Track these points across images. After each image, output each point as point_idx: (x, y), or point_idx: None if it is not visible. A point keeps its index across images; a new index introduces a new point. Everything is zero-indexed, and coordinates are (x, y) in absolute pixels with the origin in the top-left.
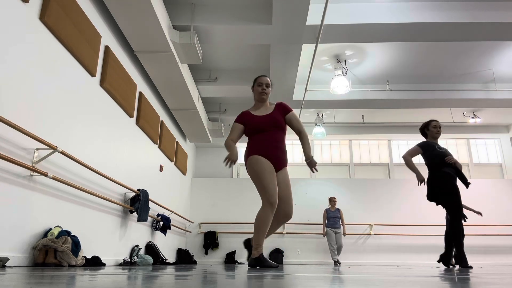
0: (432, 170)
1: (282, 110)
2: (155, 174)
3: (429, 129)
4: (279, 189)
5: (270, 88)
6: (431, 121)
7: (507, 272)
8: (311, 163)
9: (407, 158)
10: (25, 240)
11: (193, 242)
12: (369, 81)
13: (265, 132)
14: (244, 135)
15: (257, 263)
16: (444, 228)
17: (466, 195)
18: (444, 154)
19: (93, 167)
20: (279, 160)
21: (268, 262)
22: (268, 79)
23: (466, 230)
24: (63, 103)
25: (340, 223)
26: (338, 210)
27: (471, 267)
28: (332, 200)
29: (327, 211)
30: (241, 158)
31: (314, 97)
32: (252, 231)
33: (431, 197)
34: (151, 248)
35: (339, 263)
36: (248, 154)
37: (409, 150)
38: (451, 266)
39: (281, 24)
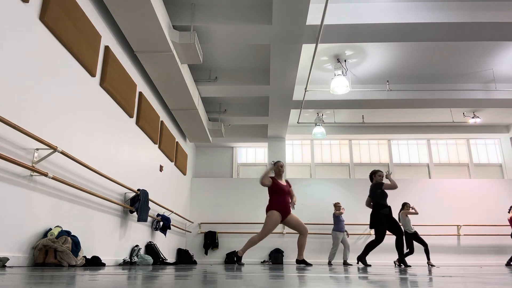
0: (374, 207)
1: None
2: (155, 174)
3: (375, 177)
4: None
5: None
6: (377, 171)
7: (507, 272)
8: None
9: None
10: (25, 240)
11: (193, 242)
12: (369, 81)
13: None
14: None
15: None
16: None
17: (466, 195)
18: (384, 195)
19: (93, 167)
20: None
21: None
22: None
23: (466, 229)
24: (63, 103)
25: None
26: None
27: (409, 266)
28: (337, 205)
29: (339, 216)
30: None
31: (314, 97)
32: (252, 231)
33: (371, 225)
34: (151, 248)
35: (350, 264)
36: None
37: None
38: (406, 266)
39: (281, 24)
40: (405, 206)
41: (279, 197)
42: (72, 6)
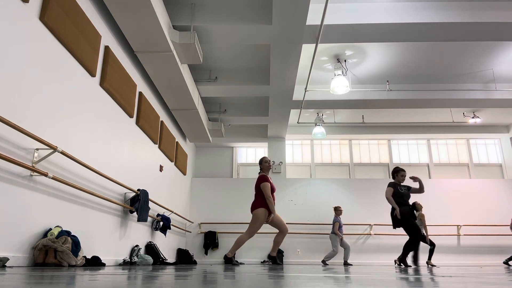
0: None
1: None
2: (155, 174)
3: (397, 176)
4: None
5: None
6: (400, 170)
7: (507, 272)
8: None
9: (389, 197)
10: (25, 240)
11: (193, 242)
12: (369, 81)
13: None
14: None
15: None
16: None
17: (466, 195)
18: (404, 195)
19: (93, 167)
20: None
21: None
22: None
23: (466, 229)
24: (63, 103)
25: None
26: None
27: (409, 266)
28: (339, 210)
29: (339, 221)
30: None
31: (314, 97)
32: None
33: (395, 225)
34: (151, 248)
35: (350, 264)
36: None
37: (388, 191)
38: (406, 266)
39: (281, 24)
40: (416, 205)
41: (271, 196)
42: (72, 6)
